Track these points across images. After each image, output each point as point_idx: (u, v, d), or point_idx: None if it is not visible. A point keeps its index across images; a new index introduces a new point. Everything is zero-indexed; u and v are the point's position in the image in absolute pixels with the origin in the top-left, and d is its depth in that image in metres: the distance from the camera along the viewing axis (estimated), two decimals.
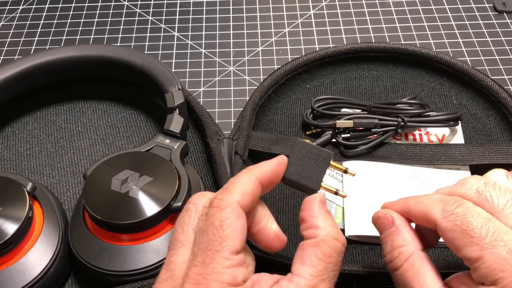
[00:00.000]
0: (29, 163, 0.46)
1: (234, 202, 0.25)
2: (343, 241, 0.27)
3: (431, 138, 0.47)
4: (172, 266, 0.25)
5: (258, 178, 0.28)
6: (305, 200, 0.29)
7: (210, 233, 0.24)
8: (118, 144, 0.47)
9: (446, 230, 0.25)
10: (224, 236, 0.24)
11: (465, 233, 0.24)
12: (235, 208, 0.25)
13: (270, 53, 0.59)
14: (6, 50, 0.60)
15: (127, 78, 0.48)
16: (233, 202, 0.25)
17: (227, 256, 0.24)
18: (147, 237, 0.35)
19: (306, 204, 0.28)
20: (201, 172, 0.45)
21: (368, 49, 0.51)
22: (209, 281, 0.23)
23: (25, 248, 0.35)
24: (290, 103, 0.50)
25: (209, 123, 0.44)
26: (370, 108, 0.46)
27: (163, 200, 0.35)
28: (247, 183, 0.27)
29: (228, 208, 0.25)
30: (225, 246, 0.24)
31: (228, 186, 0.27)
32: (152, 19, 0.64)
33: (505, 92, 0.47)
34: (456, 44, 0.59)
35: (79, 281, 0.39)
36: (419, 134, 0.47)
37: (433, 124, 0.46)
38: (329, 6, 0.65)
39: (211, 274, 0.23)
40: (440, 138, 0.47)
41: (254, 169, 0.28)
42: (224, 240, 0.24)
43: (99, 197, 0.35)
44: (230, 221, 0.25)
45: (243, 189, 0.26)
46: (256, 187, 0.27)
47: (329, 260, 0.26)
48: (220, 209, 0.25)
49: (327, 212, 0.28)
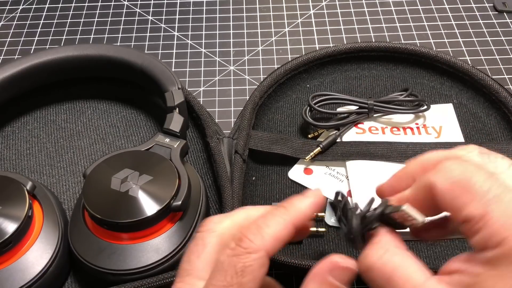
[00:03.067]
0: (29, 163, 0.46)
1: (263, 250, 0.24)
2: None
3: (428, 130, 0.47)
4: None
5: (294, 223, 0.25)
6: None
7: (228, 275, 0.23)
8: (118, 143, 0.47)
9: (446, 189, 0.23)
10: (241, 283, 0.23)
11: (465, 189, 0.22)
12: (262, 257, 0.24)
13: (270, 53, 0.59)
14: (6, 50, 0.60)
15: (127, 77, 0.48)
16: (261, 249, 0.24)
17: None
18: (146, 236, 0.35)
19: None
20: (201, 171, 0.45)
21: (368, 49, 0.51)
22: None
23: (24, 247, 0.35)
24: (290, 103, 0.50)
25: (209, 122, 0.44)
26: (370, 106, 0.46)
27: (162, 199, 0.35)
28: (282, 228, 0.25)
29: (255, 255, 0.24)
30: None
31: (261, 226, 0.25)
32: (152, 19, 0.64)
33: (505, 91, 0.47)
34: (456, 44, 0.59)
35: (78, 280, 0.39)
36: (417, 128, 0.47)
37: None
38: (329, 5, 0.65)
39: None
40: (437, 130, 0.47)
41: (291, 210, 0.25)
42: (232, 285, 0.23)
43: (99, 196, 0.35)
44: (252, 269, 0.23)
45: (276, 235, 0.24)
46: (290, 233, 0.25)
47: None
48: (247, 252, 0.24)
49: None
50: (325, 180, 0.44)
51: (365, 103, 0.46)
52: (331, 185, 0.44)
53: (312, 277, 0.24)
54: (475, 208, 0.21)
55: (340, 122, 0.47)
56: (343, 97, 0.47)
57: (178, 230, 0.36)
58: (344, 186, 0.44)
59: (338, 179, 0.44)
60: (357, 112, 0.47)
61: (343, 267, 0.24)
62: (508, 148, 0.44)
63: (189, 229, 0.36)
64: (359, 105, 0.47)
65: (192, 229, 0.37)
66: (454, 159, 0.24)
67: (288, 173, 0.45)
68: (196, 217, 0.37)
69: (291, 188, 0.44)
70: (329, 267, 0.24)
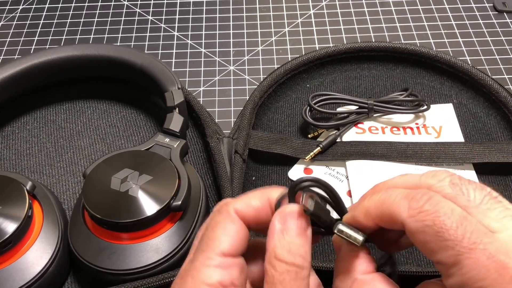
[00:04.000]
0: (28, 163, 0.46)
1: (233, 208, 0.25)
2: None
3: (428, 130, 0.47)
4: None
5: (270, 200, 0.26)
6: None
7: (204, 234, 0.25)
8: (117, 143, 0.47)
9: (416, 232, 0.22)
10: (212, 237, 0.24)
11: (438, 235, 0.21)
12: (231, 213, 0.25)
13: (270, 53, 0.59)
14: (6, 49, 0.60)
15: (127, 77, 0.48)
16: (232, 208, 0.25)
17: (210, 256, 0.24)
18: (146, 235, 0.35)
19: None
20: (201, 171, 0.45)
21: (368, 49, 0.51)
22: (187, 277, 0.24)
23: (24, 247, 0.35)
24: (290, 103, 0.50)
25: (209, 122, 0.44)
26: (370, 106, 0.46)
27: (162, 199, 0.35)
28: (257, 197, 0.26)
29: (225, 213, 0.25)
30: (211, 246, 0.24)
31: (241, 196, 0.26)
32: (152, 19, 0.64)
33: (505, 91, 0.47)
34: (456, 44, 0.59)
35: (78, 280, 0.39)
36: (417, 128, 0.47)
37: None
38: (329, 5, 0.65)
39: (191, 271, 0.24)
40: (437, 130, 0.47)
41: (271, 191, 0.26)
42: (211, 240, 0.24)
43: (99, 196, 0.35)
44: (223, 225, 0.25)
45: (248, 201, 0.25)
46: (264, 204, 0.26)
47: None
48: (218, 212, 0.25)
49: None
50: (325, 180, 0.44)
51: (365, 103, 0.46)
52: (331, 185, 0.44)
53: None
54: (449, 256, 0.21)
55: (340, 122, 0.47)
56: (343, 97, 0.47)
57: (178, 230, 0.36)
58: (344, 186, 0.44)
59: (338, 179, 0.44)
60: (357, 112, 0.47)
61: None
62: (508, 148, 0.43)
63: (189, 229, 0.36)
64: (359, 105, 0.47)
65: (192, 229, 0.37)
66: (424, 192, 0.22)
67: (288, 173, 0.45)
68: (196, 217, 0.37)
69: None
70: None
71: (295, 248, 0.23)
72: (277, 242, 0.23)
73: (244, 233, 0.25)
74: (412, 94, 0.48)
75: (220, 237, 0.24)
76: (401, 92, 0.48)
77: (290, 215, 0.24)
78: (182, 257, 0.36)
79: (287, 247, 0.23)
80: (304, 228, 0.24)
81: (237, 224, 0.25)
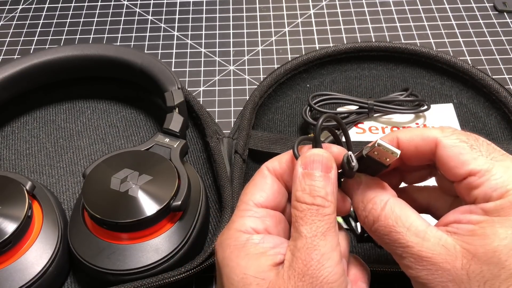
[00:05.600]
0: (28, 163, 0.46)
1: (265, 167, 0.29)
2: None
3: None
4: None
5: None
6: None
7: (240, 194, 0.28)
8: (117, 143, 0.47)
9: (451, 146, 0.25)
10: (245, 192, 0.28)
11: (472, 147, 0.25)
12: (263, 171, 0.28)
13: (270, 53, 0.59)
14: (5, 49, 0.60)
15: (126, 77, 0.48)
16: (264, 167, 0.29)
17: (243, 208, 0.27)
18: (146, 236, 0.35)
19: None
20: (201, 171, 0.45)
21: (368, 48, 0.51)
22: (224, 230, 0.27)
23: (24, 247, 0.35)
24: (290, 103, 0.50)
25: (209, 122, 0.44)
26: (371, 106, 0.46)
27: (162, 199, 0.35)
28: (288, 153, 0.29)
29: (258, 172, 0.29)
30: (244, 200, 0.27)
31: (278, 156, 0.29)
32: (152, 19, 0.63)
33: (505, 91, 0.47)
34: (456, 44, 0.59)
35: (78, 280, 0.39)
36: None
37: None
38: (329, 5, 0.64)
39: (227, 225, 0.27)
40: None
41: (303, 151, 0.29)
42: (244, 195, 0.28)
43: (99, 196, 0.35)
44: (255, 181, 0.28)
45: (280, 158, 0.29)
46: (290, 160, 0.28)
47: None
48: (255, 174, 0.29)
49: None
50: None
51: (365, 103, 0.46)
52: None
53: None
54: (483, 163, 0.24)
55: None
56: (343, 97, 0.47)
57: (177, 230, 0.36)
58: None
59: None
60: (357, 112, 0.47)
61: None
62: (508, 148, 0.43)
63: (189, 229, 0.36)
64: (359, 105, 0.47)
65: (192, 229, 0.37)
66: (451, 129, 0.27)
67: None
68: (196, 217, 0.37)
69: None
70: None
71: (315, 190, 0.25)
72: (298, 186, 0.26)
73: (277, 188, 0.28)
74: (412, 94, 0.48)
75: (253, 191, 0.28)
76: (401, 92, 0.48)
77: (310, 159, 0.26)
78: (182, 257, 0.36)
79: (307, 190, 0.25)
80: (326, 170, 0.26)
81: (268, 179, 0.28)
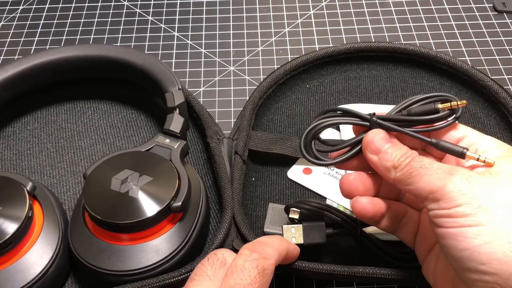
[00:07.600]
0: (29, 163, 0.46)
1: (273, 258, 0.29)
2: None
3: None
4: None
5: (289, 249, 0.32)
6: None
7: (252, 274, 0.27)
8: (118, 144, 0.47)
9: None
10: (262, 283, 0.27)
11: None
12: (273, 264, 0.29)
13: (270, 53, 0.59)
14: (6, 50, 0.60)
15: (127, 78, 0.48)
16: (273, 257, 0.29)
17: None
18: (147, 236, 0.35)
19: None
20: (201, 172, 0.45)
21: (367, 49, 0.51)
22: None
23: (25, 247, 0.35)
24: (290, 103, 0.50)
25: (209, 122, 0.44)
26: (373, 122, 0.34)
27: (163, 199, 0.35)
28: (283, 248, 0.31)
29: (272, 260, 0.29)
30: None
31: (265, 242, 0.30)
32: (152, 19, 0.64)
33: (504, 92, 0.47)
34: (456, 44, 0.59)
35: (79, 280, 0.39)
36: None
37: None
38: (329, 6, 0.65)
39: None
40: None
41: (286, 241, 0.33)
42: (255, 283, 0.27)
43: (99, 197, 0.35)
44: (268, 272, 0.28)
45: (279, 250, 0.30)
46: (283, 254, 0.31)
47: None
48: (265, 258, 0.28)
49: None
50: (324, 180, 0.44)
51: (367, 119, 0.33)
52: (330, 184, 0.44)
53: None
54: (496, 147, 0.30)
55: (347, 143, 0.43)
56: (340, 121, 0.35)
57: (178, 231, 0.36)
58: None
59: (337, 179, 0.44)
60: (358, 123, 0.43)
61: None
62: None
63: (189, 229, 0.37)
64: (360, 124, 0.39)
65: (192, 230, 0.37)
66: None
67: (287, 173, 0.45)
68: (196, 218, 0.37)
69: (290, 189, 0.44)
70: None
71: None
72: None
73: None
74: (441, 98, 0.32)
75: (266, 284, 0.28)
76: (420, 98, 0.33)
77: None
78: (182, 258, 0.36)
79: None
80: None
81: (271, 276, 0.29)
